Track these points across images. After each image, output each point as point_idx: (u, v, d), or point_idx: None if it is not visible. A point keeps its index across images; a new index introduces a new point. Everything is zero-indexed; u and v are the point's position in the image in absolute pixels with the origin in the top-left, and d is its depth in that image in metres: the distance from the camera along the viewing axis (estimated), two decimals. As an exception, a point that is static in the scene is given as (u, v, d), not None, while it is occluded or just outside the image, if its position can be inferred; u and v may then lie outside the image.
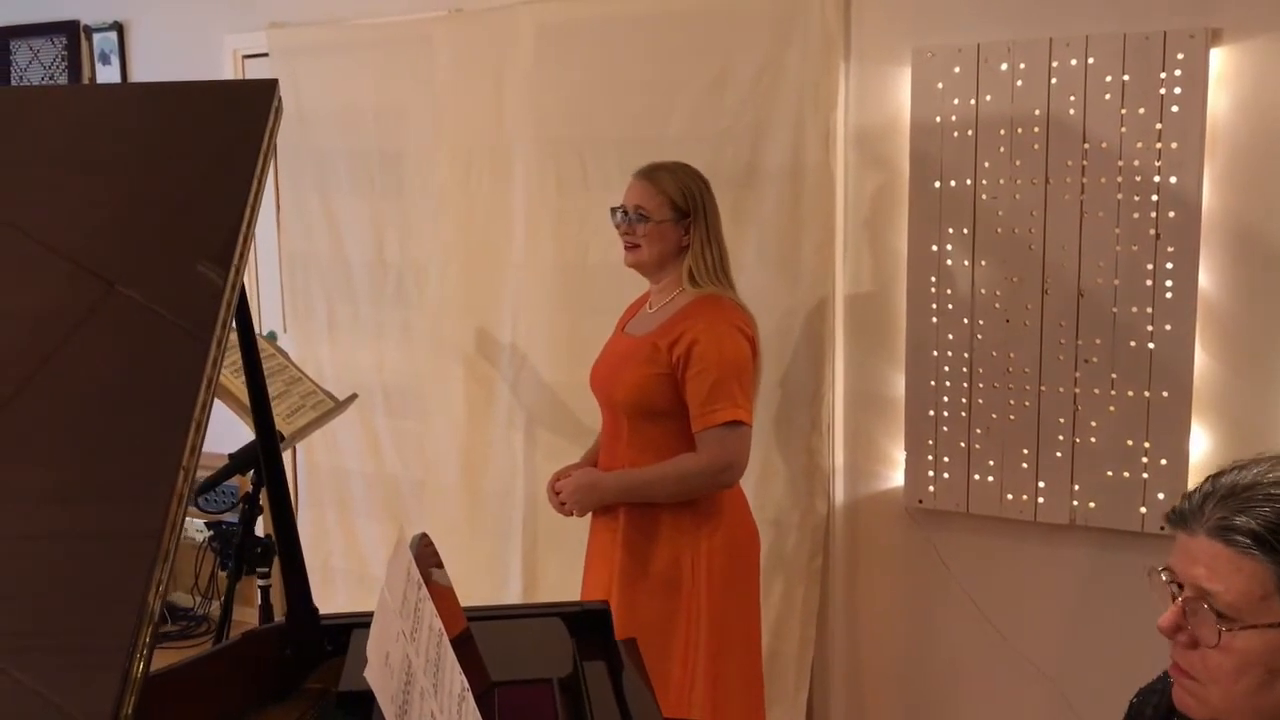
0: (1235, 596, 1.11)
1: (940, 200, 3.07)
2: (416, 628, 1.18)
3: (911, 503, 3.22)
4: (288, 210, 4.12)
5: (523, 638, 1.74)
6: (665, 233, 2.60)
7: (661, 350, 2.53)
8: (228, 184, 1.27)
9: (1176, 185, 2.79)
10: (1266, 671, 1.11)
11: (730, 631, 2.57)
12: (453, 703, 1.23)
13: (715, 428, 2.48)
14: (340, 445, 4.14)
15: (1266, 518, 1.10)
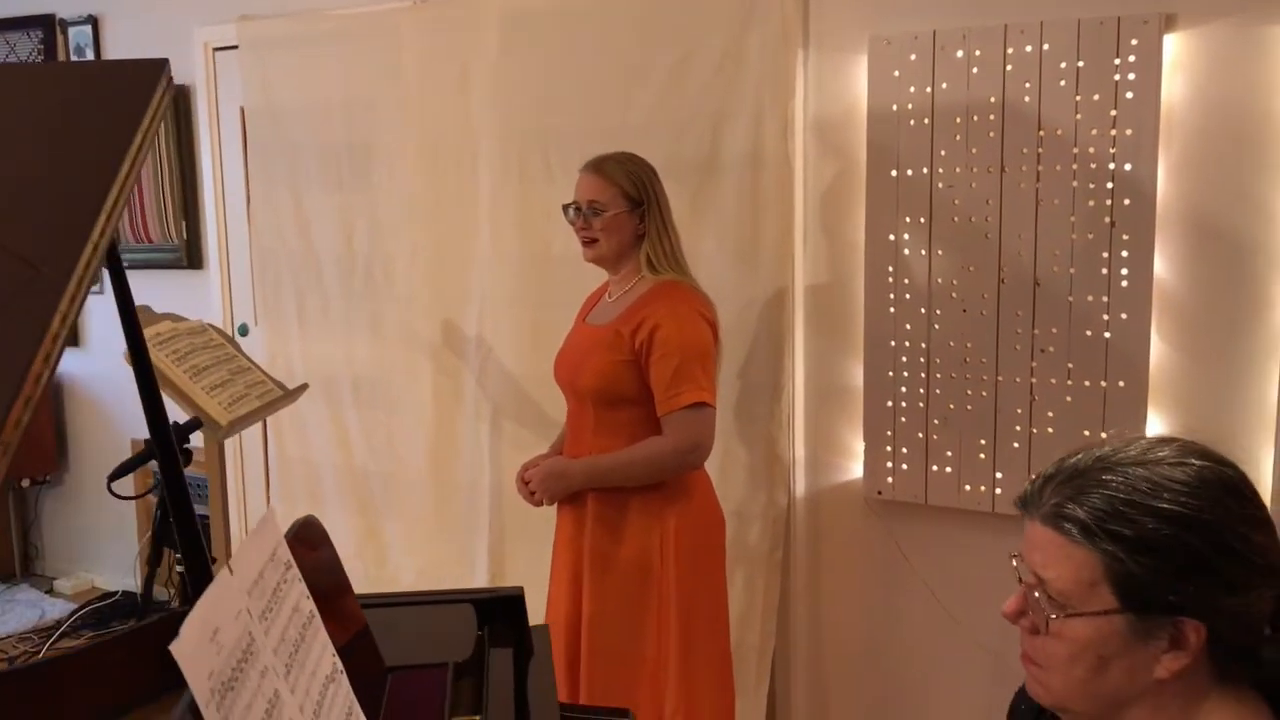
0: (1065, 584, 1.09)
1: (897, 189, 3.05)
2: (272, 607, 1.16)
3: (871, 494, 3.20)
4: (258, 205, 4.11)
5: (430, 624, 1.73)
6: (621, 223, 2.60)
7: (624, 337, 2.54)
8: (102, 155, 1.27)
9: (1131, 173, 2.76)
10: (1098, 659, 1.09)
11: (699, 611, 2.58)
12: (316, 684, 1.21)
13: (680, 410, 2.49)
14: (311, 438, 4.13)
15: (1096, 506, 1.07)
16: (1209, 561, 1.04)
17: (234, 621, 1.05)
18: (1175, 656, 1.07)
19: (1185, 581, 1.04)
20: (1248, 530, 1.06)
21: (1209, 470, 1.08)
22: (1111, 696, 1.10)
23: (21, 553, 5.11)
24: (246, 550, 1.16)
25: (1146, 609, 1.06)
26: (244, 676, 1.02)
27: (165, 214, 4.46)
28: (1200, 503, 1.05)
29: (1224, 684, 1.10)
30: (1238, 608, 1.05)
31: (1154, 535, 1.05)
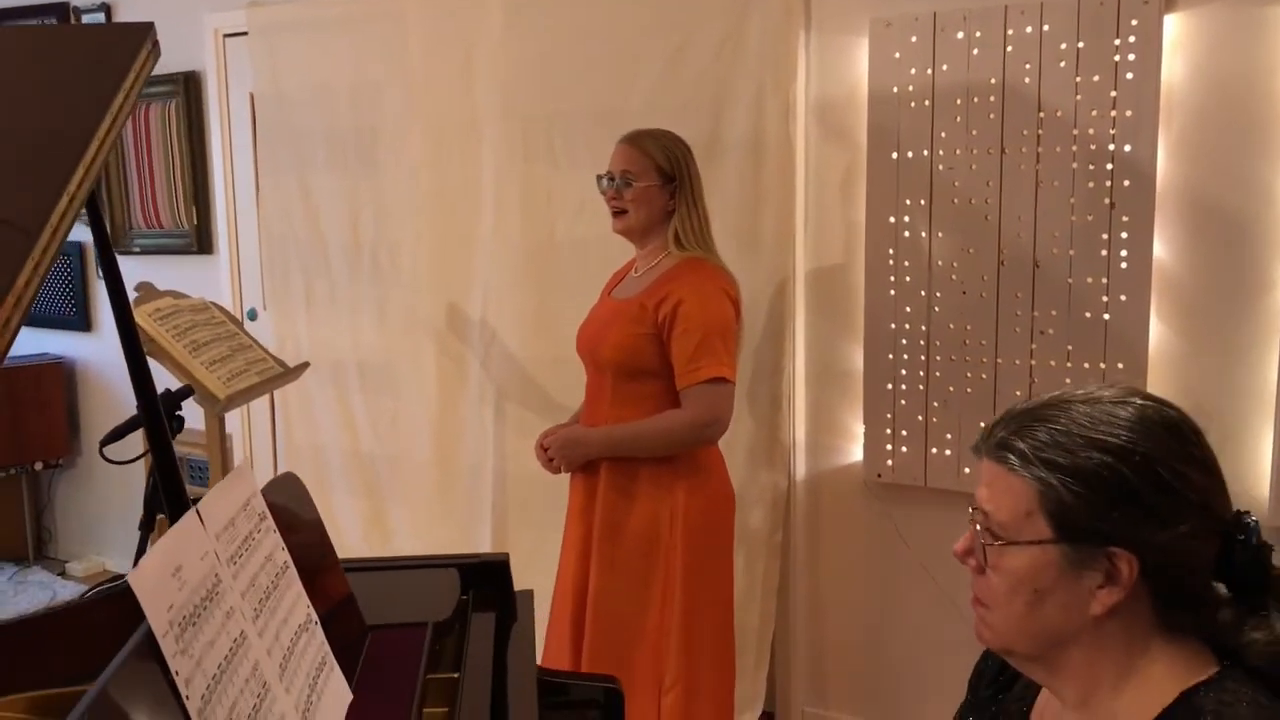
0: (1004, 515, 1.10)
1: (898, 171, 3.05)
2: (242, 553, 1.18)
3: (870, 476, 3.20)
4: (267, 190, 4.14)
5: (414, 587, 1.74)
6: (652, 196, 2.61)
7: (648, 310, 2.56)
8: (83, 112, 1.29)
9: (1131, 154, 2.75)
10: (1034, 592, 1.10)
11: (704, 587, 2.60)
12: (287, 632, 1.23)
13: (700, 384, 2.51)
14: (318, 423, 4.16)
15: (1036, 438, 1.09)
16: (1140, 492, 1.05)
17: (199, 561, 1.07)
18: (1110, 591, 1.07)
19: (1115, 510, 1.05)
20: (1183, 466, 1.06)
21: (1150, 409, 1.09)
22: (1050, 634, 1.11)
23: (34, 536, 5.16)
24: (216, 497, 1.18)
25: (1079, 538, 1.07)
26: (207, 614, 1.04)
27: (176, 200, 4.50)
28: (1135, 435, 1.06)
29: (1169, 634, 1.10)
30: (1170, 543, 1.05)
31: (1087, 464, 1.06)
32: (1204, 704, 1.05)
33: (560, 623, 2.71)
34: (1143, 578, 1.06)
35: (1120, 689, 1.10)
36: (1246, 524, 1.09)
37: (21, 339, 4.85)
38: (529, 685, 1.56)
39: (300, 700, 1.17)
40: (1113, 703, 1.10)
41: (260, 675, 1.10)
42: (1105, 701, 1.11)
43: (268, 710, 1.08)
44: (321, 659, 1.29)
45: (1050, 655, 1.13)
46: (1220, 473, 1.10)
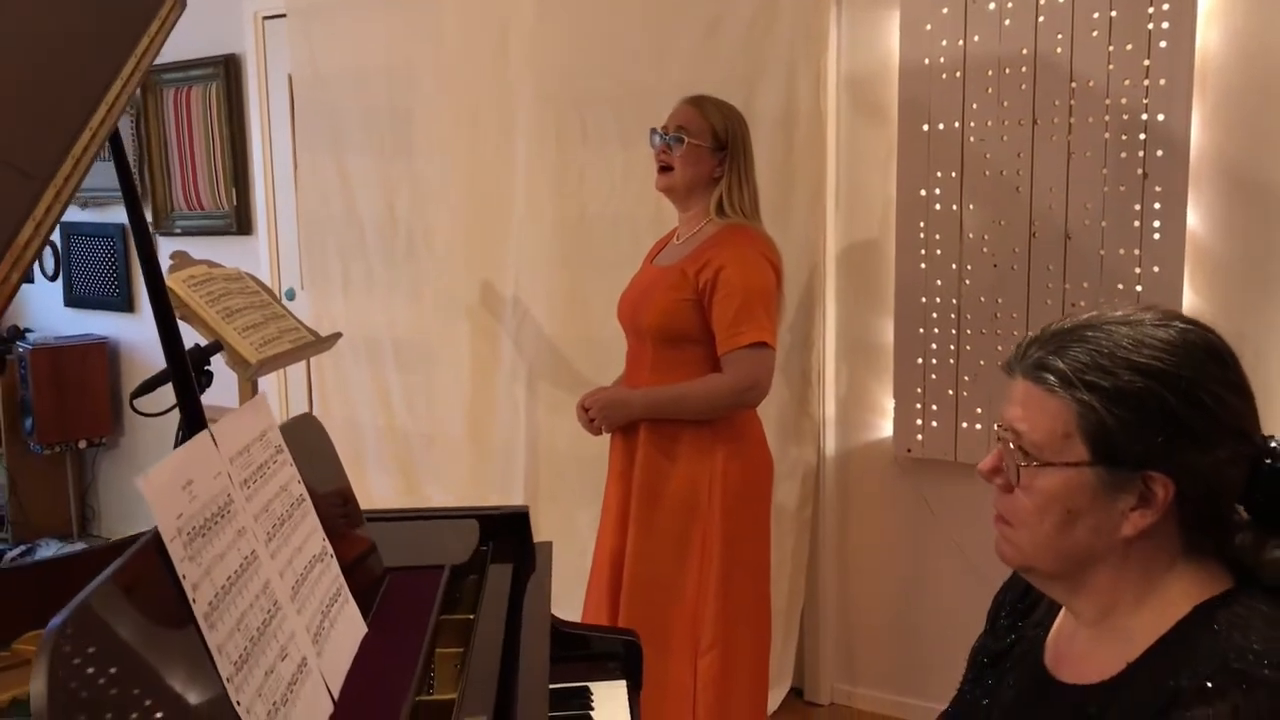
0: (1040, 435, 1.09)
1: (929, 144, 3.04)
2: (256, 479, 1.20)
3: (900, 452, 3.19)
4: (304, 171, 4.19)
5: (433, 536, 1.76)
6: (701, 157, 2.61)
7: (689, 276, 2.57)
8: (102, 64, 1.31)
9: (1164, 123, 2.72)
10: (1066, 512, 1.09)
11: (742, 552, 2.60)
12: (301, 559, 1.25)
13: (741, 349, 2.51)
14: (354, 399, 4.21)
15: (1076, 359, 1.08)
16: (1180, 416, 1.04)
17: (211, 480, 1.09)
18: (1143, 514, 1.06)
19: (1156, 434, 1.04)
20: (1223, 391, 1.06)
21: (1192, 333, 1.08)
22: (1077, 554, 1.10)
23: (79, 514, 5.26)
24: (232, 423, 1.20)
25: (1116, 462, 1.06)
26: (218, 529, 1.06)
27: (216, 181, 4.57)
28: (1178, 359, 1.05)
29: (1190, 555, 1.10)
30: (1206, 467, 1.05)
31: (1129, 387, 1.05)
32: (1217, 616, 1.05)
33: (599, 585, 2.72)
34: (1176, 501, 1.06)
35: (1139, 607, 1.10)
36: (1275, 449, 1.08)
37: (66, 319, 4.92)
38: (543, 630, 1.57)
39: (312, 624, 1.19)
40: (1130, 619, 1.10)
41: (271, 594, 1.12)
42: (1123, 618, 1.11)
43: (278, 627, 1.10)
44: (336, 591, 1.31)
45: (1073, 574, 1.12)
46: (1253, 397, 1.10)
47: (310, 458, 1.43)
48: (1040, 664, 1.20)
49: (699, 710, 2.58)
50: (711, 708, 2.58)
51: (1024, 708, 1.19)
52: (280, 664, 1.08)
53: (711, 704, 2.58)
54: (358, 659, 1.28)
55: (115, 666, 0.84)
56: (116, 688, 0.83)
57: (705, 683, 2.58)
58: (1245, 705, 0.96)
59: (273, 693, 1.03)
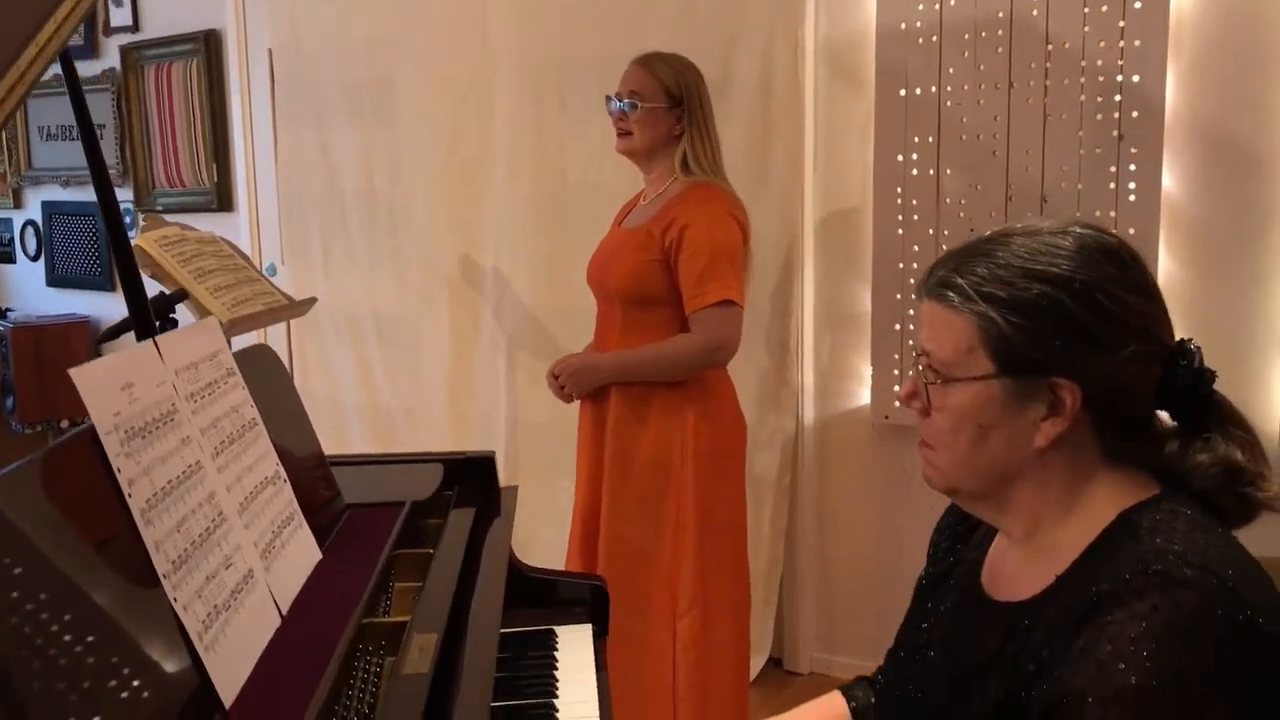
0: (947, 353, 1.09)
1: (906, 109, 3.04)
2: (204, 396, 1.19)
3: (878, 419, 3.19)
4: (284, 145, 4.18)
5: (398, 478, 1.76)
6: (658, 118, 2.60)
7: (655, 237, 2.55)
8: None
9: (1140, 84, 2.72)
10: (978, 427, 1.09)
11: (716, 512, 2.59)
12: (251, 479, 1.24)
13: (708, 308, 2.49)
14: (335, 375, 4.20)
15: (975, 273, 1.08)
16: (1078, 318, 1.04)
17: (154, 387, 1.08)
18: (1053, 423, 1.06)
19: (1054, 338, 1.04)
20: (1121, 291, 1.05)
21: (1089, 237, 1.08)
22: (996, 470, 1.10)
23: (61, 494, 5.23)
24: (180, 339, 1.19)
25: (1021, 371, 1.06)
26: (159, 434, 1.05)
27: (197, 158, 4.55)
28: (1074, 263, 1.05)
29: (1112, 464, 1.09)
30: (1109, 368, 1.04)
31: (1026, 295, 1.05)
32: (1141, 522, 1.04)
33: (575, 551, 2.71)
34: (1086, 407, 1.06)
35: (1064, 519, 1.10)
36: (1189, 349, 1.08)
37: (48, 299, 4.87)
38: (501, 560, 1.57)
39: (261, 541, 1.19)
40: (1056, 533, 1.10)
41: (216, 505, 1.11)
42: (1049, 533, 1.11)
43: (222, 538, 1.09)
44: (289, 515, 1.31)
45: (996, 491, 1.12)
46: (1161, 299, 1.10)
47: (266, 388, 1.42)
48: (977, 585, 1.20)
49: (680, 672, 2.57)
50: (692, 669, 2.56)
51: (959, 628, 1.19)
52: (224, 572, 1.07)
53: (692, 665, 2.56)
54: (311, 582, 1.27)
55: (17, 555, 0.83)
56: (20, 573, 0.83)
57: (685, 644, 2.57)
58: (1163, 603, 0.95)
59: (215, 596, 1.03)
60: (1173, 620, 0.94)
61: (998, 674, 1.09)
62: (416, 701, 1.05)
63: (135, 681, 0.87)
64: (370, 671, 1.20)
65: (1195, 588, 0.95)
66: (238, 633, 1.03)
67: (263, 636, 1.09)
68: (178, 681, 0.93)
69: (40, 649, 0.80)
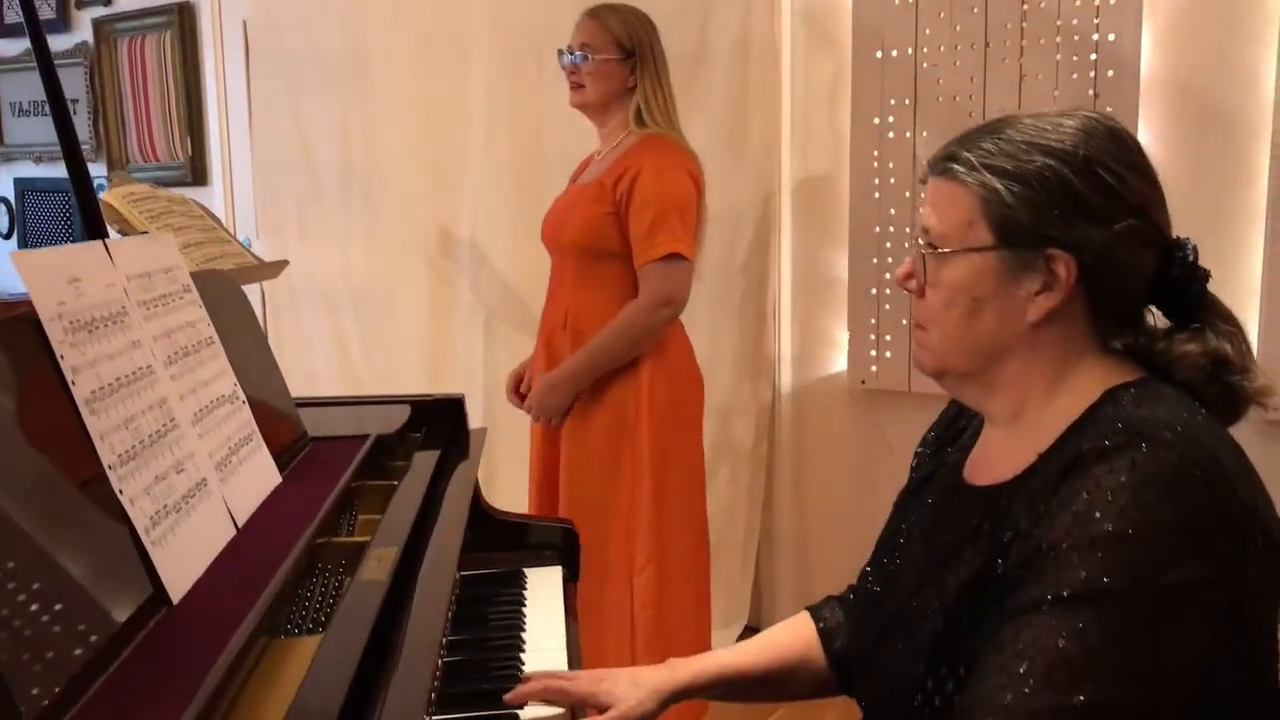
0: (947, 226, 1.09)
1: (882, 71, 3.02)
2: (158, 305, 1.17)
3: (855, 384, 3.18)
4: (259, 117, 4.14)
5: (365, 416, 1.74)
6: (610, 71, 2.57)
7: (607, 188, 2.52)
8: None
9: (1115, 43, 2.71)
10: (971, 300, 1.09)
11: (673, 468, 2.56)
12: (207, 394, 1.22)
13: (656, 262, 2.47)
14: (311, 350, 4.16)
15: (983, 148, 1.08)
16: (1079, 190, 1.04)
17: (103, 288, 1.06)
18: (1047, 296, 1.07)
19: (1055, 209, 1.05)
20: (1121, 169, 1.06)
21: (1095, 118, 1.10)
22: (987, 346, 1.10)
23: (35, 474, 5.17)
24: (132, 247, 1.17)
25: (1018, 242, 1.06)
26: (107, 333, 1.03)
27: (171, 132, 4.51)
28: (1079, 138, 1.06)
29: (1102, 349, 1.10)
30: (1107, 242, 1.05)
31: (1029, 167, 1.06)
32: (1124, 396, 1.05)
33: (532, 511, 2.69)
34: (1080, 283, 1.06)
35: (1050, 398, 1.10)
36: (1186, 243, 1.11)
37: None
38: (464, 495, 1.55)
39: (216, 454, 1.16)
40: (1042, 411, 1.10)
41: (168, 411, 1.09)
42: (1035, 411, 1.11)
43: (174, 442, 1.07)
44: (247, 435, 1.28)
45: (985, 370, 1.12)
46: (1160, 189, 1.11)
47: (227, 314, 1.40)
48: (959, 478, 1.19)
49: (637, 629, 2.54)
50: (649, 626, 2.53)
51: (938, 517, 1.18)
52: (175, 476, 1.05)
53: (649, 622, 2.54)
54: (269, 503, 1.25)
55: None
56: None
57: (642, 601, 2.54)
58: (1143, 460, 0.96)
59: (164, 497, 1.00)
60: (1151, 475, 0.95)
61: (973, 549, 1.08)
62: (371, 605, 1.03)
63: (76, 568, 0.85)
64: (329, 586, 1.18)
65: (1176, 449, 0.96)
66: (188, 534, 1.01)
67: (215, 543, 1.07)
68: (122, 572, 0.90)
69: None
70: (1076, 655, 0.93)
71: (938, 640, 1.07)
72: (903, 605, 1.15)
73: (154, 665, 0.85)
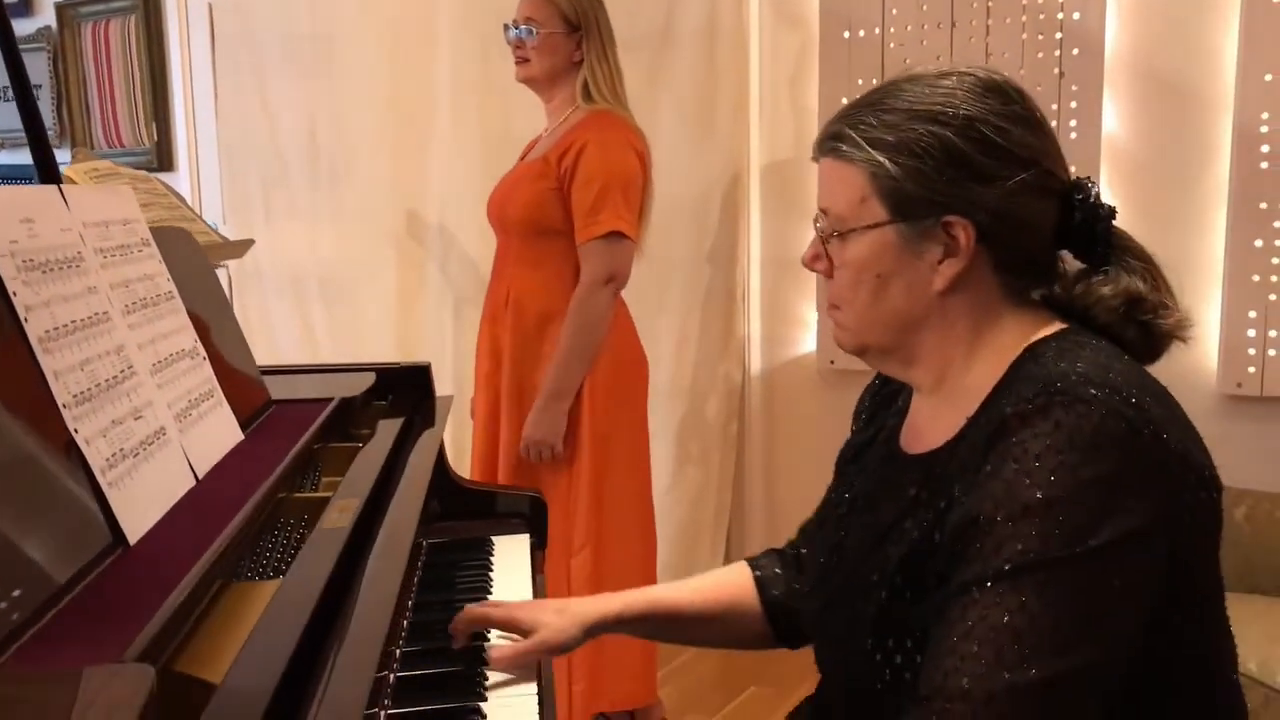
0: (842, 206, 1.08)
1: (849, 52, 3.03)
2: (116, 255, 1.15)
3: (824, 364, 3.19)
4: (225, 101, 4.11)
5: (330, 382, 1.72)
6: (555, 45, 2.55)
7: (552, 164, 2.50)
8: None
9: (1080, 22, 2.74)
10: (876, 277, 1.08)
11: (614, 449, 2.54)
12: (166, 347, 1.20)
13: (597, 240, 2.45)
14: (278, 337, 4.13)
15: (864, 122, 1.07)
16: (964, 152, 1.03)
17: (58, 231, 1.04)
18: (950, 263, 1.06)
19: (942, 175, 1.04)
20: (1004, 123, 1.04)
21: (971, 76, 1.07)
22: (899, 319, 1.09)
23: None
24: (89, 195, 1.15)
25: (912, 213, 1.05)
26: (62, 275, 1.01)
27: (136, 117, 4.47)
28: (956, 98, 1.05)
29: (1016, 305, 1.10)
30: (1000, 200, 1.04)
31: (911, 135, 1.04)
32: (1045, 351, 1.04)
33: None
34: (981, 244, 1.05)
35: (970, 362, 1.10)
36: (1085, 185, 1.09)
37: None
38: (428, 455, 1.54)
39: (176, 405, 1.15)
40: (964, 376, 1.10)
41: (126, 358, 1.08)
42: (958, 377, 1.11)
43: (131, 390, 1.06)
44: (208, 391, 1.27)
45: (903, 343, 1.12)
46: (1052, 134, 1.10)
47: (188, 272, 1.38)
48: (895, 445, 1.19)
49: None
50: None
51: (879, 488, 1.17)
52: (133, 422, 1.03)
53: None
54: (231, 457, 1.24)
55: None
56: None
57: (578, 584, 2.52)
58: (1067, 419, 0.95)
59: (121, 441, 0.99)
60: (1075, 434, 0.94)
61: (912, 519, 1.08)
62: (331, 550, 1.02)
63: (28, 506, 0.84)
64: (291, 539, 1.17)
65: (1098, 404, 0.95)
66: (146, 480, 1.00)
67: (174, 490, 1.06)
68: (76, 511, 0.89)
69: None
70: (1025, 630, 0.93)
71: (881, 612, 1.07)
72: (848, 576, 1.15)
73: (108, 602, 0.83)
